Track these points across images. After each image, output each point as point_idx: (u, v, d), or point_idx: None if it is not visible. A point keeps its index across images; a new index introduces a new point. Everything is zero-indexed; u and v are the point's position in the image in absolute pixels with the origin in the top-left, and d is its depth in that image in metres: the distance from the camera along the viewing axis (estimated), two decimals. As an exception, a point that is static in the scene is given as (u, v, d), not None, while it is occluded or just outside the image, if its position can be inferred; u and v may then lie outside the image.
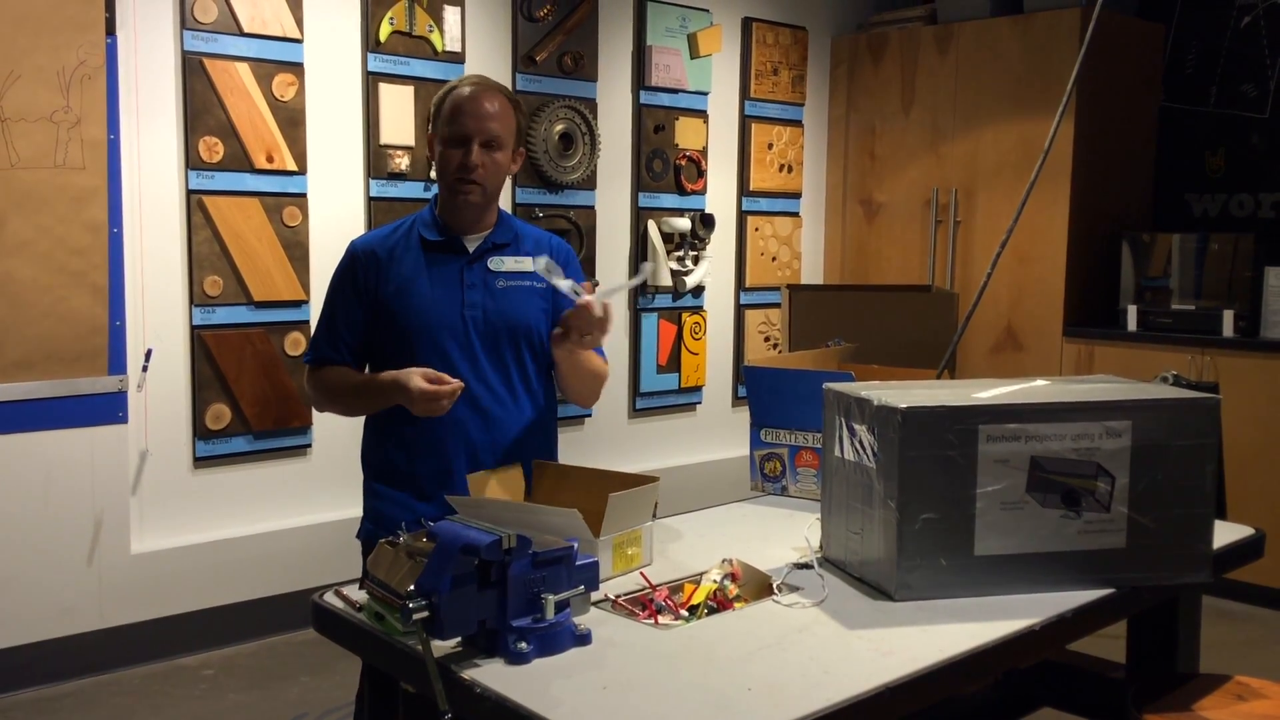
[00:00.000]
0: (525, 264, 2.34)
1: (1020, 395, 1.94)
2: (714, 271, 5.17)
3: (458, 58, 4.24)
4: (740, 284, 5.32)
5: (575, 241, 4.63)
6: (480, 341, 2.30)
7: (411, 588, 1.54)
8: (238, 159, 3.76)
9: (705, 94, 5.07)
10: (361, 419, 2.45)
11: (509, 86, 4.42)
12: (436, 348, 2.26)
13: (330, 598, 1.85)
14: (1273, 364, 4.34)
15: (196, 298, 3.72)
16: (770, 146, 5.35)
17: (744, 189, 5.28)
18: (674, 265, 4.96)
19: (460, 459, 2.27)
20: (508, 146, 2.31)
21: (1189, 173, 5.17)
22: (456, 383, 2.14)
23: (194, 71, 3.66)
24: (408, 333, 2.28)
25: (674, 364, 5.07)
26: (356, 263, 2.33)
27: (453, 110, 2.27)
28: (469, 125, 2.25)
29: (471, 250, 2.33)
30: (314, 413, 3.98)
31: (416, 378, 2.14)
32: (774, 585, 1.91)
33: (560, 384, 2.43)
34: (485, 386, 2.30)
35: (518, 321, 2.33)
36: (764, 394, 2.61)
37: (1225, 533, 2.22)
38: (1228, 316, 4.51)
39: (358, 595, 1.80)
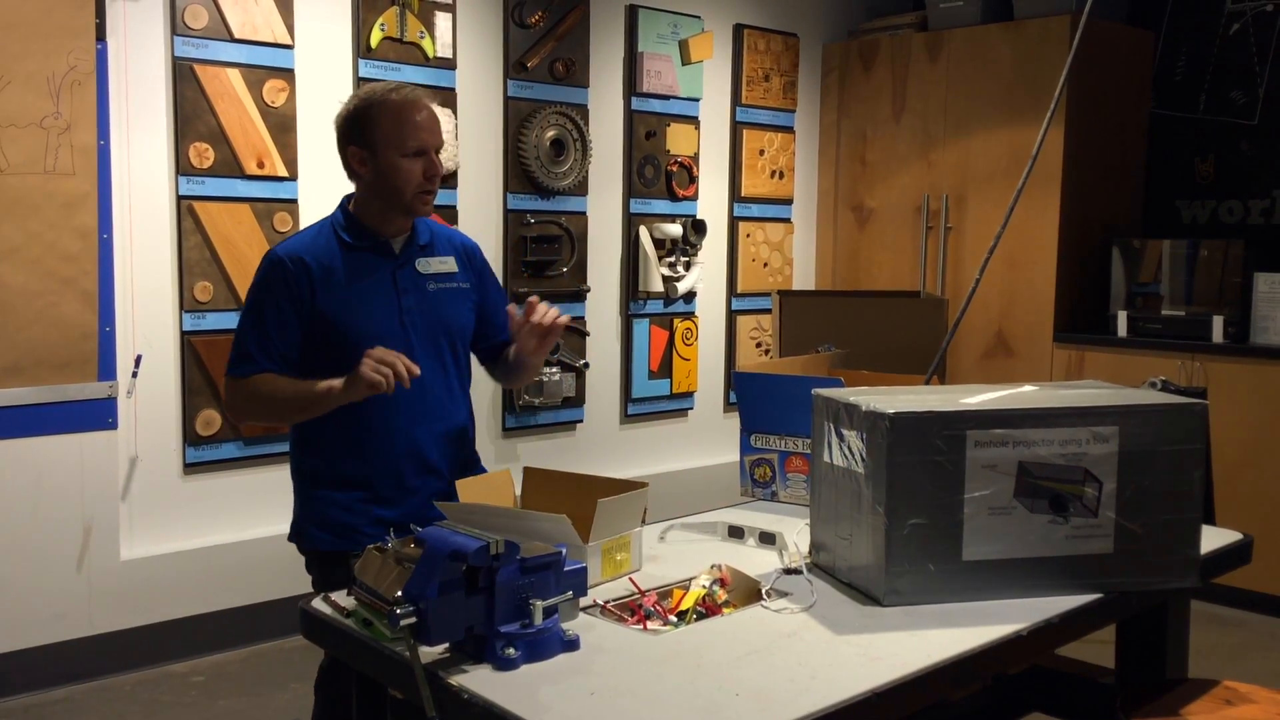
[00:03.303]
0: (449, 265, 2.38)
1: (1008, 401, 1.95)
2: (705, 277, 5.17)
3: (449, 64, 4.25)
4: (732, 290, 5.32)
5: (567, 247, 4.63)
6: (420, 344, 2.30)
7: (399, 593, 1.54)
8: (228, 165, 3.75)
9: (697, 100, 5.07)
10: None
11: (500, 93, 4.45)
12: None
13: (318, 604, 1.85)
14: (1262, 369, 4.35)
15: (187, 303, 3.72)
16: (762, 153, 5.35)
17: (735, 195, 5.29)
18: (665, 271, 4.97)
19: (409, 459, 2.29)
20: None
21: (1179, 179, 5.19)
22: (412, 364, 2.12)
23: (184, 77, 3.65)
24: (349, 342, 2.23)
25: (665, 370, 5.07)
26: (286, 271, 2.25)
27: (405, 120, 2.25)
28: (425, 138, 2.26)
29: (398, 253, 2.33)
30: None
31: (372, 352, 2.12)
32: (763, 591, 1.91)
33: (508, 376, 2.55)
34: (426, 387, 2.29)
35: (451, 322, 2.37)
36: (754, 400, 2.61)
37: (1213, 538, 2.22)
38: (1217, 322, 4.52)
39: (346, 601, 1.80)
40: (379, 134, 2.27)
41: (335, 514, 2.29)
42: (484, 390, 4.38)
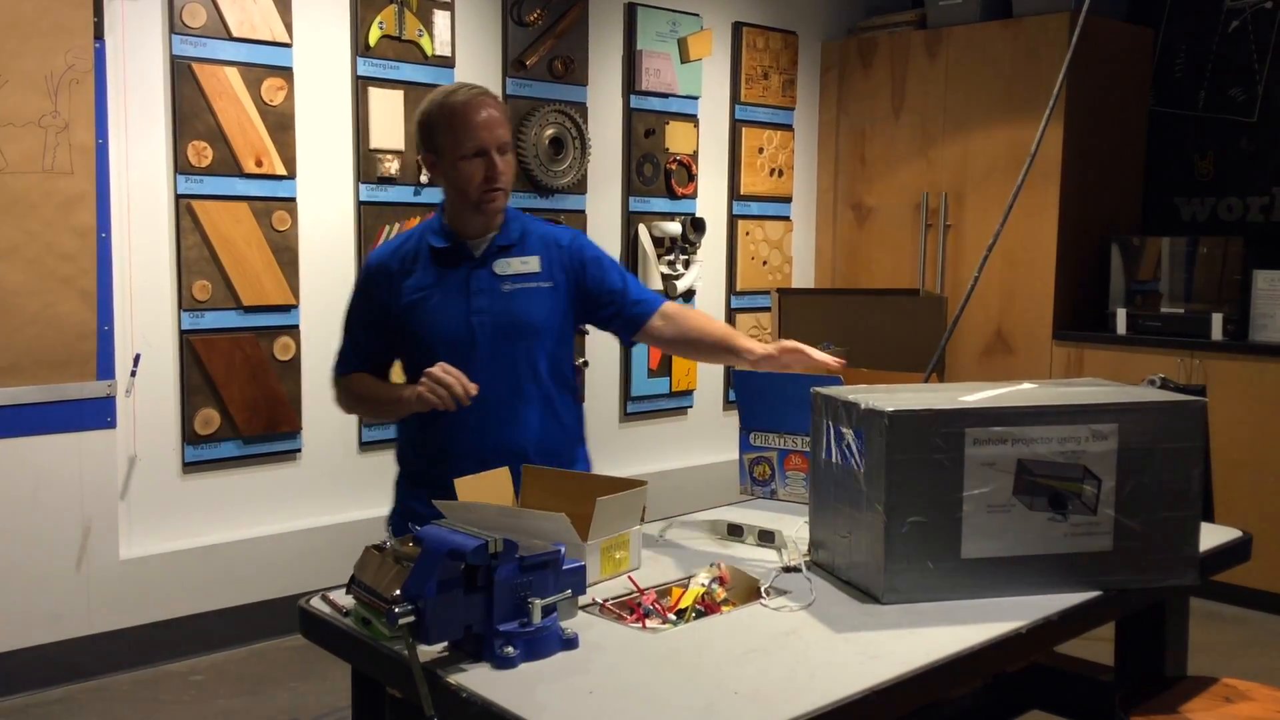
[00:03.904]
0: (531, 264, 2.37)
1: (1007, 399, 1.94)
2: (704, 275, 5.17)
3: (448, 62, 4.24)
4: (731, 288, 5.32)
5: (566, 246, 4.63)
6: (487, 346, 2.32)
7: (397, 592, 1.54)
8: (227, 163, 3.75)
9: (696, 98, 5.07)
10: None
11: (499, 91, 4.45)
12: (448, 356, 2.28)
13: (317, 602, 1.84)
14: (1261, 367, 4.35)
15: (185, 302, 3.72)
16: (761, 151, 5.35)
17: (734, 193, 5.29)
18: (664, 269, 4.96)
19: (470, 462, 2.28)
20: (511, 146, 2.35)
21: (1178, 176, 5.18)
22: (470, 384, 2.17)
23: (183, 76, 3.65)
24: (420, 343, 2.34)
25: (665, 368, 5.07)
26: (371, 278, 2.40)
27: (461, 123, 2.27)
28: (484, 137, 2.27)
29: (477, 255, 2.36)
30: (303, 418, 3.98)
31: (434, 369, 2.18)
32: (761, 589, 1.91)
33: (684, 352, 2.56)
34: (493, 391, 2.30)
35: (526, 323, 2.35)
36: (753, 398, 2.61)
37: (1212, 535, 2.22)
38: (1216, 320, 4.52)
39: (344, 600, 1.80)
40: (440, 138, 2.30)
41: (409, 503, 2.39)
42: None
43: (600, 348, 4.82)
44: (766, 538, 2.19)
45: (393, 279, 2.36)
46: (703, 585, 1.92)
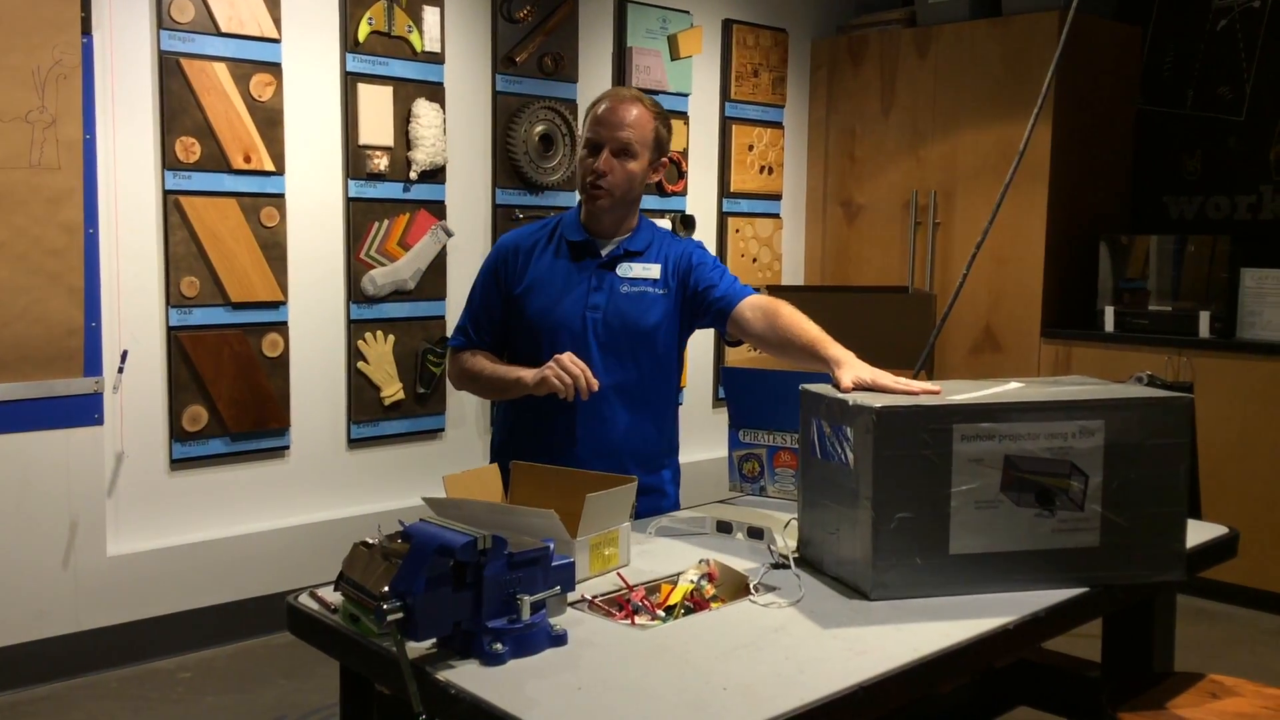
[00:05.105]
0: (653, 271, 2.42)
1: (994, 395, 1.95)
2: (694, 273, 5.16)
3: (437, 58, 4.24)
4: (720, 285, 5.31)
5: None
6: (597, 343, 2.36)
7: (386, 589, 1.54)
8: (215, 159, 3.74)
9: (686, 95, 5.07)
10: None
11: (489, 87, 4.44)
12: (555, 345, 2.33)
13: (305, 599, 1.84)
14: (1248, 364, 4.37)
15: (173, 299, 3.70)
16: (751, 148, 5.35)
17: (724, 190, 5.29)
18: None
19: (567, 456, 2.33)
20: (642, 156, 2.37)
21: (1166, 175, 5.20)
22: (594, 379, 2.21)
23: (171, 71, 3.64)
24: (532, 328, 2.39)
25: (654, 365, 5.06)
26: (500, 257, 2.46)
27: (592, 120, 2.37)
28: (601, 133, 2.35)
29: (604, 254, 2.41)
30: (291, 415, 3.97)
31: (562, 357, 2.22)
32: (750, 585, 1.91)
33: (768, 350, 2.38)
34: (599, 389, 2.29)
35: (637, 325, 2.38)
36: (743, 395, 2.61)
37: (1199, 532, 2.23)
38: (1204, 317, 4.54)
39: (333, 597, 1.80)
40: (583, 131, 2.42)
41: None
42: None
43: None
44: (755, 534, 2.20)
45: (519, 260, 2.42)
46: (692, 582, 1.92)
